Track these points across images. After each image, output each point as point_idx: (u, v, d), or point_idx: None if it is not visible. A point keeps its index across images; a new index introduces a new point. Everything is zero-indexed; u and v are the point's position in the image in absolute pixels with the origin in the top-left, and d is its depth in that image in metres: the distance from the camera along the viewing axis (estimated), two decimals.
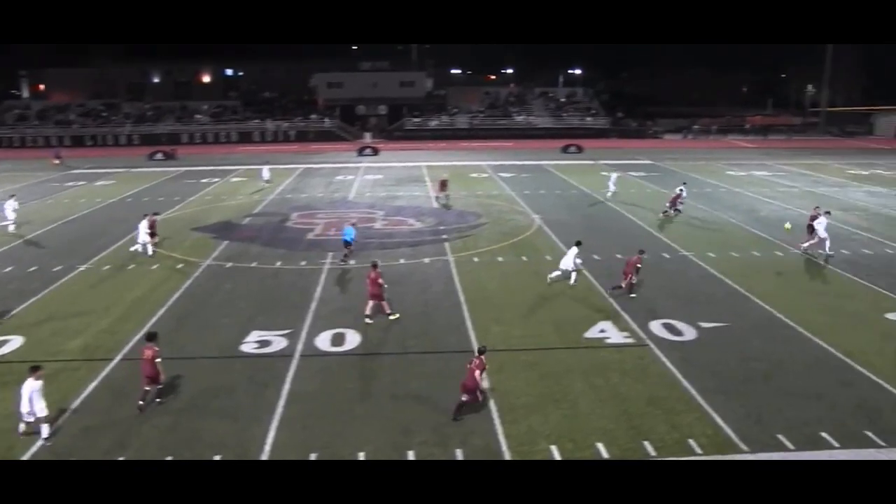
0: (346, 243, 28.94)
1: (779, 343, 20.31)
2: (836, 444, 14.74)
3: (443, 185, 43.16)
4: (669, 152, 72.33)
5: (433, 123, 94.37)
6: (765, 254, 30.14)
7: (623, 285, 24.48)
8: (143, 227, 30.51)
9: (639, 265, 24.62)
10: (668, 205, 37.99)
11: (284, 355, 19.51)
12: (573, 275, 25.75)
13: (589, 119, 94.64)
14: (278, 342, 20.43)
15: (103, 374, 18.45)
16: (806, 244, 30.24)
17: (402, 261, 29.23)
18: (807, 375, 18.18)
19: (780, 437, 15.03)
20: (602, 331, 21.15)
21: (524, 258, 29.52)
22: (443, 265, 28.64)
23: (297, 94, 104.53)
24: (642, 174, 55.26)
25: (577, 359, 19.16)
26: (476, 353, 16.28)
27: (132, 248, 30.77)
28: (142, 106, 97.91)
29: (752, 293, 24.62)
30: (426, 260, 29.37)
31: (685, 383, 17.67)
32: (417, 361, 19.20)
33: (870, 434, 15.19)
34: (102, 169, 62.34)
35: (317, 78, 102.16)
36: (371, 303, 22.11)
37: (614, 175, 44.94)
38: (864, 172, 56.37)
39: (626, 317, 22.30)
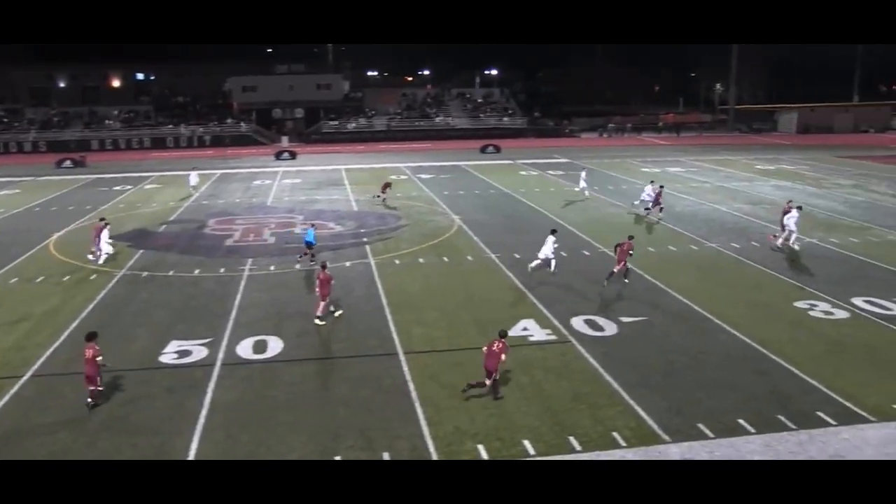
0: (308, 244, 28.96)
1: (697, 335, 20.88)
2: (753, 430, 15.23)
3: (385, 186, 43.39)
4: (586, 150, 73.69)
5: (351, 126, 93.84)
6: (681, 248, 30.97)
7: (616, 270, 25.38)
8: (105, 236, 30.10)
9: (630, 251, 25.63)
10: (650, 204, 37.82)
11: (205, 364, 19.06)
12: (552, 262, 26.52)
13: (506, 119, 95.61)
14: (198, 351, 19.95)
15: (11, 392, 17.66)
16: (779, 240, 30.96)
17: None
18: (724, 366, 18.73)
19: (701, 426, 15.44)
20: (525, 329, 21.36)
21: (445, 259, 29.59)
22: (364, 268, 28.47)
23: (212, 98, 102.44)
24: (560, 173, 56.11)
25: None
26: (499, 337, 17.00)
27: (93, 257, 29.71)
28: (47, 111, 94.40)
29: (671, 287, 25.25)
30: (347, 263, 29.15)
31: (608, 378, 17.99)
32: (341, 366, 19.03)
33: (782, 418, 15.77)
34: (6, 178, 59.83)
35: (231, 82, 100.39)
36: (321, 304, 22.08)
37: (583, 173, 45.23)
38: (770, 167, 58.51)
39: (549, 314, 22.58)
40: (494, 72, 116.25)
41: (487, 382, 16.77)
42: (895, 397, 16.78)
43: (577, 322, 21.85)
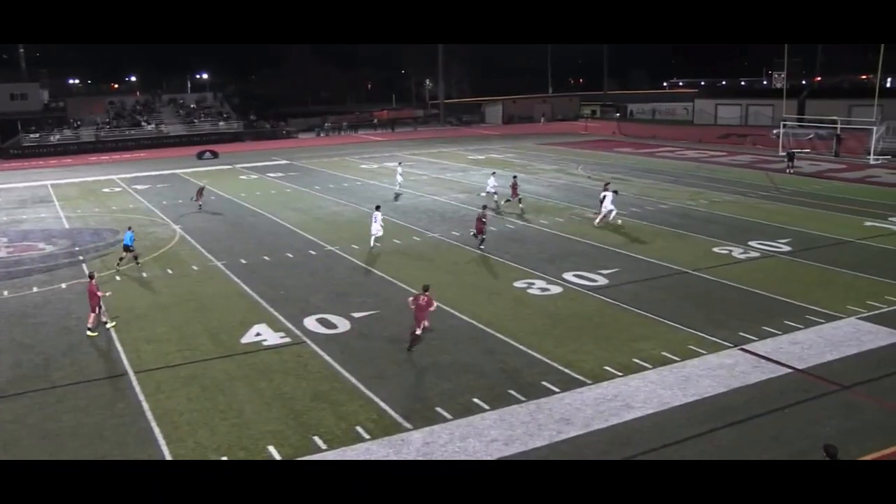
0: (127, 247, 28.23)
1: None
2: (488, 407, 16.19)
3: (200, 192, 41.71)
4: (305, 151, 73.63)
5: (55, 138, 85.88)
6: (405, 241, 32.01)
7: (418, 333, 24.25)
8: None
9: (484, 220, 29.80)
10: (511, 196, 38.74)
11: None
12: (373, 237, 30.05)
13: (222, 124, 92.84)
14: None
15: None
16: (598, 220, 34.29)
17: (35, 289, 26.32)
18: (456, 349, 19.71)
19: (439, 409, 16.14)
20: (258, 334, 20.98)
21: (170, 271, 28.17)
22: (83, 288, 26.24)
23: None
24: (280, 175, 55.57)
25: (237, 366, 18.82)
26: (423, 291, 19.35)
27: None
28: None
29: (398, 279, 26.04)
30: (63, 285, 26.74)
31: (345, 374, 18.20)
32: (69, 394, 17.47)
33: (513, 392, 16.95)
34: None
35: None
36: (92, 315, 21.18)
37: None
38: (480, 157, 62.24)
39: (280, 317, 22.35)
40: (205, 75, 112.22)
41: (418, 331, 19.14)
42: (605, 360, 18.72)
43: (310, 322, 21.84)
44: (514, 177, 40.96)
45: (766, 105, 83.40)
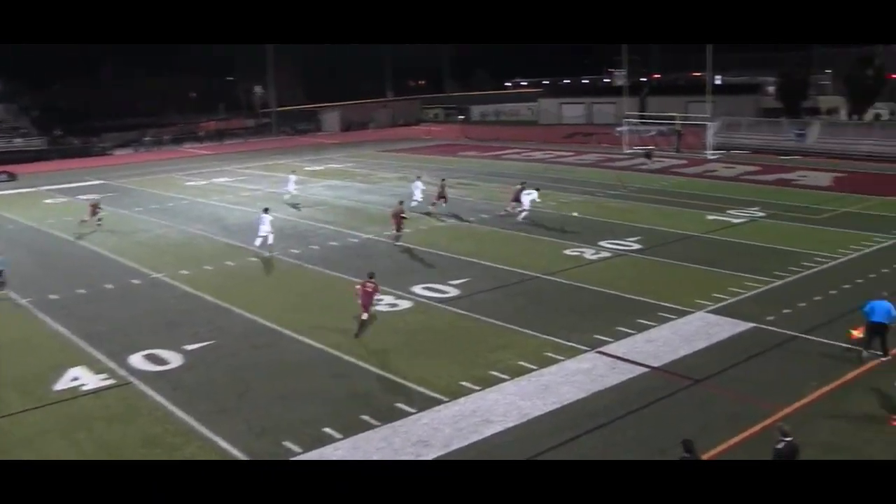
0: None
1: (269, 350, 21.28)
2: (339, 436, 15.98)
3: (94, 208, 39.46)
4: (122, 168, 70.61)
5: None
6: (239, 262, 31.19)
7: (395, 231, 32.12)
8: None
9: (403, 215, 32.44)
10: (433, 200, 39.78)
11: None
12: (269, 237, 31.87)
13: (20, 141, 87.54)
14: None
15: None
16: (511, 208, 37.62)
17: None
18: (301, 376, 19.37)
19: (287, 443, 15.80)
20: (75, 378, 19.74)
21: None
22: None
23: None
24: (95, 196, 52.92)
25: (50, 417, 17.64)
26: (368, 277, 21.90)
27: None
28: None
29: (234, 305, 25.32)
30: None
31: (180, 413, 17.48)
32: None
33: (366, 418, 16.82)
34: None
35: None
36: None
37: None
38: (319, 167, 61.73)
39: (101, 356, 21.17)
40: None
41: (364, 316, 21.45)
42: (460, 375, 18.92)
43: (137, 359, 20.84)
44: (443, 180, 42.20)
45: (610, 103, 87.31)
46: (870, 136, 60.35)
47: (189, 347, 21.57)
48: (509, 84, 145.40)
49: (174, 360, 20.81)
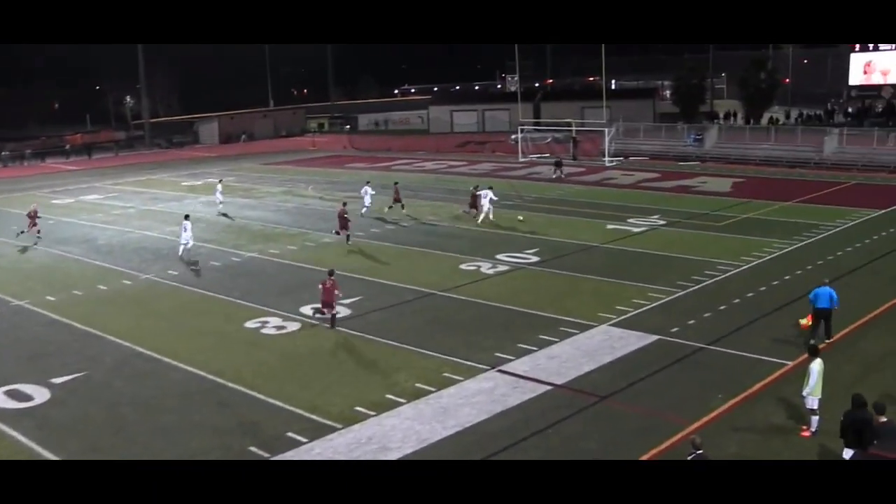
0: None
1: (146, 379, 20.63)
2: None
3: (34, 216, 38.84)
4: None
5: None
6: (112, 286, 30.18)
7: (340, 232, 35.02)
8: None
9: (346, 216, 34.98)
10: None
11: None
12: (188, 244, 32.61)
13: None
14: None
15: None
16: (470, 211, 39.92)
17: None
18: (182, 407, 18.84)
19: None
20: None
21: None
22: None
23: None
24: None
25: None
26: (328, 275, 23.87)
27: None
28: None
29: (107, 332, 24.46)
30: None
31: (47, 454, 16.74)
32: None
33: (254, 449, 16.47)
34: None
35: None
36: None
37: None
38: (197, 182, 60.43)
39: None
40: None
41: (325, 312, 23.57)
42: (355, 400, 18.75)
43: None
44: (396, 183, 44.57)
45: (503, 110, 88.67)
46: (766, 140, 63.09)
47: (57, 381, 20.69)
48: (397, 91, 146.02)
49: (40, 395, 19.91)
